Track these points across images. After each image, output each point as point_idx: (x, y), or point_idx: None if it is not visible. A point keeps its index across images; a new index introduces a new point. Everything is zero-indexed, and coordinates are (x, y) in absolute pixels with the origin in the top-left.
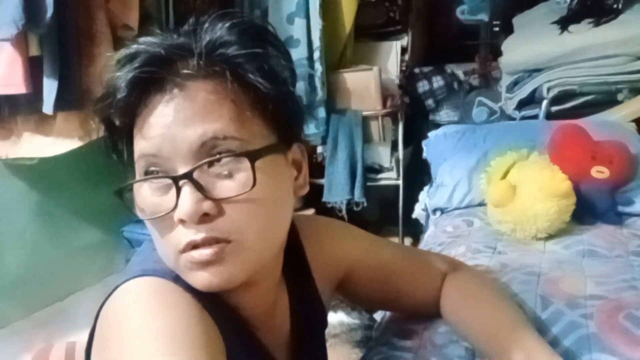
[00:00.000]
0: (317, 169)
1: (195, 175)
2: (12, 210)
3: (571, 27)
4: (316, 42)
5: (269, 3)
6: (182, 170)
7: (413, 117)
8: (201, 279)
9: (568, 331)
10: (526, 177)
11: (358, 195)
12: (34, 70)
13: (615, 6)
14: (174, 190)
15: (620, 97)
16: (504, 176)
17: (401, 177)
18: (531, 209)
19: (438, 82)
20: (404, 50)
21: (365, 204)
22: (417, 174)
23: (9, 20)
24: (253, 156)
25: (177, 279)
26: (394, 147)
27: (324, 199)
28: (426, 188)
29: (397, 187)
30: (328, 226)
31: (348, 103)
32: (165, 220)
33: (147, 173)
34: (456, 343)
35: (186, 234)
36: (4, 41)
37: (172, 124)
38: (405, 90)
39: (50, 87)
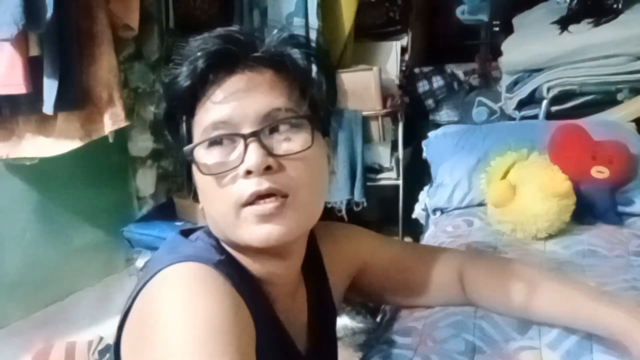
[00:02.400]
0: None
1: (261, 136)
2: (12, 210)
3: (571, 27)
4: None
5: (268, 3)
6: (249, 132)
7: (413, 117)
8: (262, 232)
9: (570, 331)
10: (526, 177)
11: (358, 195)
12: (34, 70)
13: (615, 6)
14: (240, 149)
15: (620, 97)
16: (504, 176)
17: (401, 177)
18: (531, 209)
19: (438, 82)
20: (404, 50)
21: (365, 204)
22: (417, 174)
23: (9, 20)
24: (311, 119)
25: (217, 266)
26: (394, 147)
27: None
28: (426, 188)
29: (397, 187)
30: (342, 230)
31: (348, 103)
32: (229, 175)
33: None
34: (456, 338)
35: (250, 185)
36: (4, 41)
37: (244, 95)
38: (405, 90)
39: (50, 87)
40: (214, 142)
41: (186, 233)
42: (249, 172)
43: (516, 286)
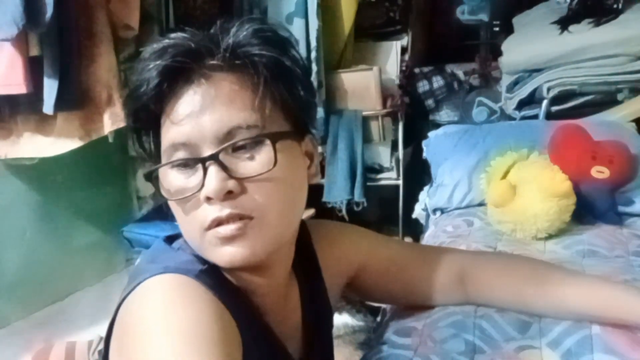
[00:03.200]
0: None
1: (221, 157)
2: (12, 210)
3: (571, 27)
4: (313, 43)
5: (269, 3)
6: (208, 153)
7: (413, 117)
8: (225, 254)
9: (570, 331)
10: (526, 177)
11: (358, 195)
12: (34, 70)
13: (615, 6)
14: (200, 173)
15: (620, 97)
16: (504, 176)
17: (401, 177)
18: (531, 209)
19: (438, 82)
20: (404, 50)
21: (365, 204)
22: (417, 174)
23: (9, 20)
24: (274, 137)
25: (198, 276)
26: (394, 147)
27: (324, 199)
28: (426, 188)
29: (397, 187)
30: (339, 230)
31: (348, 103)
32: (191, 200)
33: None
34: (456, 338)
35: (212, 211)
36: (4, 41)
37: (200, 112)
38: (405, 90)
39: (50, 87)
40: (171, 164)
41: (171, 239)
42: (209, 198)
43: (532, 280)
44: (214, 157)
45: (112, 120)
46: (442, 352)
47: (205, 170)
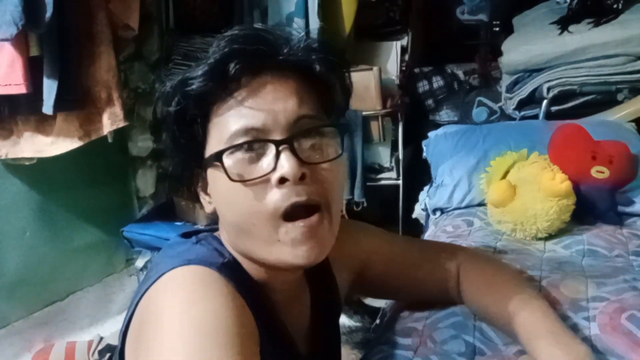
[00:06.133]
0: None
1: (294, 143)
2: (12, 210)
3: (571, 27)
4: None
5: (269, 3)
6: (280, 139)
7: (413, 117)
8: (303, 250)
9: None
10: (526, 177)
11: (358, 195)
12: (34, 70)
13: (615, 6)
14: (270, 156)
15: (620, 97)
16: (504, 176)
17: (401, 177)
18: (531, 209)
19: (438, 82)
20: (404, 50)
21: (365, 204)
22: (417, 174)
23: (9, 20)
24: (341, 129)
25: (220, 269)
26: (394, 147)
27: None
28: (426, 188)
29: (397, 187)
30: (345, 226)
31: None
32: (259, 184)
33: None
34: (456, 339)
35: (288, 195)
36: (4, 41)
37: (273, 101)
38: (405, 90)
39: (50, 88)
40: (241, 147)
41: (187, 236)
42: (282, 181)
43: (477, 283)
44: (289, 141)
45: (111, 121)
46: (442, 353)
47: (278, 153)
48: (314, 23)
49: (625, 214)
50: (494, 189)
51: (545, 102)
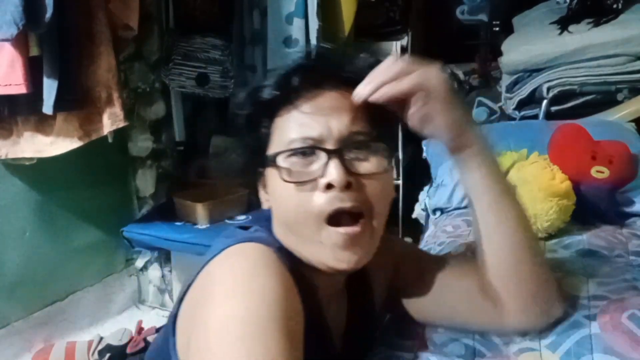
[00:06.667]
0: None
1: (343, 154)
2: (12, 210)
3: (571, 27)
4: (313, 42)
5: (269, 3)
6: (332, 148)
7: None
8: (344, 256)
9: (570, 331)
10: (526, 177)
11: None
12: (34, 70)
13: (615, 6)
14: (321, 163)
15: (620, 97)
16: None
17: (401, 177)
18: (531, 209)
19: None
20: (404, 50)
21: None
22: (417, 174)
23: (9, 20)
24: (388, 145)
25: (277, 251)
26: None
27: None
28: (426, 188)
29: (397, 187)
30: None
31: None
32: (308, 185)
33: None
34: (456, 342)
35: (333, 200)
36: (4, 41)
37: (330, 113)
38: None
39: (50, 87)
40: (296, 152)
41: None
42: (329, 187)
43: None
44: (339, 152)
45: (111, 120)
46: (442, 355)
47: (328, 161)
48: (314, 23)
49: (625, 214)
50: None
51: (545, 102)
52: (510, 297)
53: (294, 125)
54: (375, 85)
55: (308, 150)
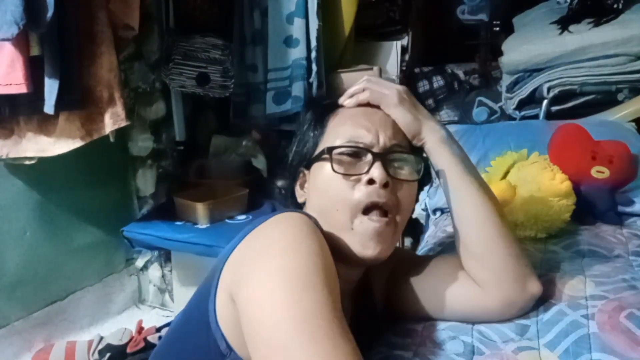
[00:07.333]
0: None
1: (386, 158)
2: (12, 210)
3: (571, 27)
4: (313, 43)
5: (269, 3)
6: (377, 152)
7: None
8: (372, 246)
9: (569, 331)
10: (526, 177)
11: None
12: (34, 70)
13: (615, 6)
14: (366, 163)
15: (620, 97)
16: (504, 176)
17: None
18: (531, 209)
19: (438, 82)
20: (404, 50)
21: None
22: None
23: (10, 20)
24: (422, 158)
25: (317, 224)
26: None
27: None
28: (426, 188)
29: None
30: None
31: None
32: (353, 179)
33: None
34: (455, 340)
35: (371, 194)
36: (4, 41)
37: (379, 125)
38: None
39: (51, 87)
40: (349, 149)
41: None
42: (371, 182)
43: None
44: (383, 156)
45: (113, 120)
46: (441, 353)
47: (373, 162)
48: (314, 23)
49: (625, 214)
50: (494, 189)
51: (545, 102)
52: (486, 270)
53: (350, 128)
54: (346, 97)
55: (360, 150)
